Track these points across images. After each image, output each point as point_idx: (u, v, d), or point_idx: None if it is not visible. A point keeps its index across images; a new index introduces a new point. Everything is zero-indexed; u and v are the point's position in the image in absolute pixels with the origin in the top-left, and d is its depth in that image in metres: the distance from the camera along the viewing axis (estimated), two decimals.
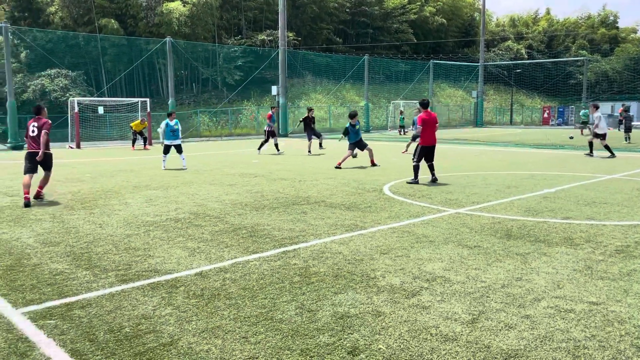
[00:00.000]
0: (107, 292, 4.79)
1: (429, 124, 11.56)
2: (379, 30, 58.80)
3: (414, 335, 3.85)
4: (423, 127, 11.56)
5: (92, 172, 14.69)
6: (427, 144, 11.67)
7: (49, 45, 38.81)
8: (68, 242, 6.66)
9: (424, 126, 11.55)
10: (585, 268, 5.44)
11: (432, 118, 11.65)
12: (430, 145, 11.70)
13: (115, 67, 41.46)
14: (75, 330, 3.98)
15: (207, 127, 40.78)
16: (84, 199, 10.03)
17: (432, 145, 11.76)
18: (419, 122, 11.66)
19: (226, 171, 14.54)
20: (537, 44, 69.28)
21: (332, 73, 48.62)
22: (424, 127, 11.56)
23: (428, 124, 11.55)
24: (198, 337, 3.85)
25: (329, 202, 9.35)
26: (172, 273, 5.34)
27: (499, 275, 5.20)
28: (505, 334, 3.86)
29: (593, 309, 4.33)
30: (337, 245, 6.40)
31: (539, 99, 64.78)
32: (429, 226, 7.39)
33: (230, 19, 50.14)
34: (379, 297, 4.63)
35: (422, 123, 11.55)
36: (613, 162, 16.50)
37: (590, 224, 7.52)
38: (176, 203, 9.42)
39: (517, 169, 14.70)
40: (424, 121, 11.53)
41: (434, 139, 11.77)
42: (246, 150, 23.54)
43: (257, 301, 4.55)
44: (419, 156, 11.70)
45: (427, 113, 11.64)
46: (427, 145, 11.67)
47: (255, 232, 7.08)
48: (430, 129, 11.62)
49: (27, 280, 5.15)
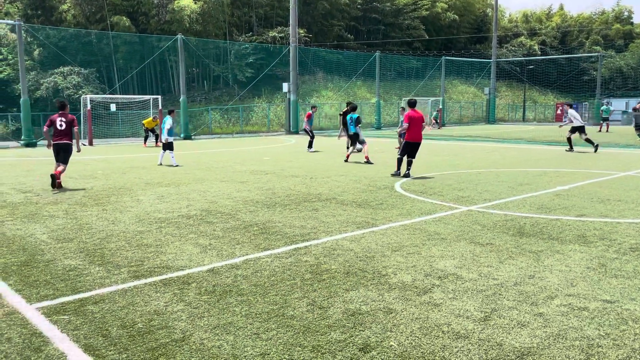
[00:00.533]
0: (120, 288, 4.83)
1: (414, 122, 12.25)
2: (391, 26, 58.53)
3: (426, 332, 3.84)
4: (410, 124, 12.26)
5: (105, 169, 14.80)
6: (412, 140, 12.40)
7: (62, 42, 39.11)
8: (81, 238, 6.71)
9: (410, 124, 12.26)
10: (599, 266, 5.38)
11: (418, 116, 12.33)
12: (415, 141, 12.42)
13: (127, 64, 41.70)
14: (89, 325, 4.02)
15: (218, 124, 40.90)
16: (96, 195, 10.11)
17: (417, 142, 12.48)
18: (405, 119, 12.42)
19: (237, 168, 14.58)
20: (551, 39, 68.59)
21: (343, 70, 48.50)
22: (410, 125, 12.26)
23: (414, 121, 12.24)
24: (210, 333, 3.86)
25: (340, 199, 9.34)
26: (184, 269, 5.36)
27: (512, 273, 5.16)
28: (517, 331, 3.84)
29: (607, 307, 4.28)
30: (349, 242, 6.39)
31: (552, 96, 64.15)
32: (440, 223, 7.36)
33: (242, 16, 50.19)
34: (390, 294, 4.62)
35: (408, 120, 12.28)
36: (628, 158, 16.30)
37: (604, 221, 7.44)
38: (188, 200, 9.47)
39: (529, 166, 14.59)
40: (410, 119, 12.26)
41: (419, 136, 12.43)
42: (257, 147, 23.57)
43: (268, 298, 4.55)
44: (402, 151, 12.61)
45: (414, 111, 12.38)
46: (412, 141, 12.40)
47: (267, 229, 7.09)
48: (416, 127, 12.29)
49: (41, 276, 5.20)
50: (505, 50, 63.38)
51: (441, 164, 15.03)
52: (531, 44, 65.08)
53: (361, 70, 44.82)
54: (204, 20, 43.99)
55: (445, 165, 14.70)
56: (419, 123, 12.29)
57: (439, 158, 17.06)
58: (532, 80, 61.01)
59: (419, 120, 12.31)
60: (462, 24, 64.22)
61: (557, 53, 63.16)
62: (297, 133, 35.06)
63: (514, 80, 62.16)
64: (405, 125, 12.37)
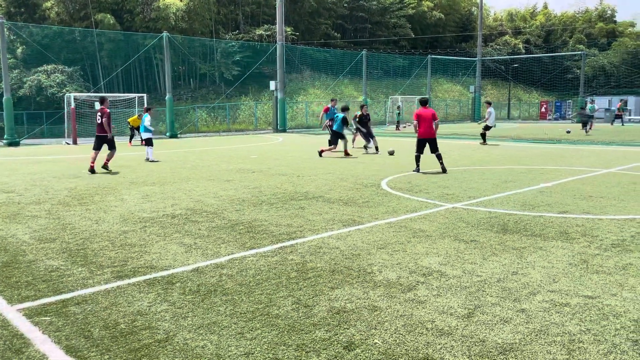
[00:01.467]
0: (103, 289, 4.79)
1: (423, 119, 12.73)
2: (377, 25, 58.70)
3: (410, 329, 3.86)
4: (419, 121, 12.78)
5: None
6: (423, 137, 12.83)
7: (45, 40, 38.67)
8: (64, 238, 6.65)
9: (419, 120, 12.77)
10: (580, 262, 5.44)
11: (427, 113, 12.79)
12: (425, 137, 12.80)
13: (112, 62, 41.34)
14: (71, 326, 3.98)
15: (205, 122, 40.72)
16: (80, 195, 10.01)
17: (428, 138, 12.81)
18: (414, 117, 12.99)
19: (224, 167, 14.53)
20: (535, 38, 69.27)
21: (330, 68, 48.55)
22: (420, 122, 12.77)
23: (422, 118, 12.73)
24: (194, 333, 3.84)
25: (327, 198, 9.34)
26: (169, 269, 5.33)
27: (495, 270, 5.20)
28: (500, 328, 3.87)
29: (588, 303, 4.33)
30: (335, 240, 6.40)
31: (537, 94, 64.80)
32: (425, 221, 7.40)
33: (228, 14, 49.98)
34: (375, 291, 4.64)
35: (416, 118, 12.85)
36: (610, 155, 16.51)
37: (586, 218, 7.53)
38: (173, 199, 9.41)
39: (514, 163, 14.71)
40: (419, 116, 12.80)
41: (429, 133, 12.78)
42: (243, 145, 23.50)
43: (253, 297, 4.54)
44: (417, 148, 13.02)
45: (424, 109, 12.89)
46: (423, 137, 12.83)
47: (253, 228, 7.07)
48: (425, 123, 12.74)
49: (23, 277, 5.14)
50: (491, 48, 63.89)
51: (427, 162, 15.11)
52: (516, 42, 65.69)
53: (348, 69, 44.89)
54: (189, 17, 43.74)
55: (431, 163, 14.77)
56: (429, 119, 12.69)
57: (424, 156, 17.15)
58: (517, 79, 61.57)
59: (429, 117, 12.72)
60: (448, 23, 64.61)
61: (541, 51, 63.79)
62: (284, 131, 35.01)
63: (499, 78, 62.68)
64: (415, 122, 12.90)
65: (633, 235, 6.52)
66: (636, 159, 15.68)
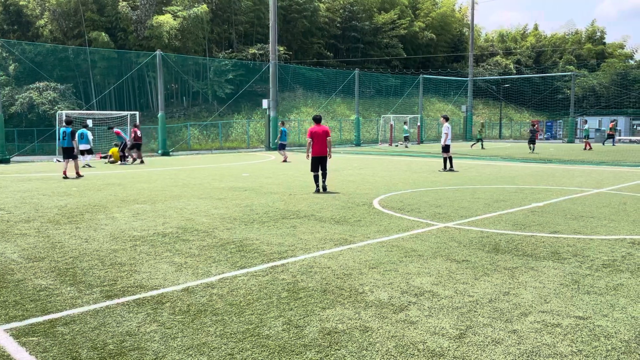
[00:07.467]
0: (92, 309, 4.73)
1: (316, 137, 12.42)
2: (370, 44, 59.24)
3: (401, 350, 3.83)
4: (312, 139, 12.44)
5: (79, 185, 14.57)
6: (316, 155, 12.52)
7: (38, 58, 38.69)
8: (53, 257, 6.58)
9: (313, 138, 12.43)
10: (572, 282, 5.45)
11: (321, 131, 12.44)
12: (318, 155, 12.52)
13: (105, 80, 41.36)
14: (59, 347, 3.92)
15: (197, 140, 40.70)
16: (70, 213, 9.94)
17: (320, 157, 12.54)
18: (308, 135, 12.58)
19: (215, 185, 14.49)
20: (525, 59, 70.14)
21: (322, 87, 48.83)
22: (314, 139, 12.44)
23: (316, 136, 12.42)
24: (183, 354, 3.80)
25: (319, 216, 9.33)
26: (158, 289, 5.28)
27: (487, 290, 5.20)
28: (492, 349, 3.85)
29: (580, 324, 4.33)
30: (326, 259, 6.38)
31: (528, 113, 65.41)
32: (417, 240, 7.40)
33: (221, 33, 50.29)
34: (366, 312, 4.61)
35: (310, 136, 12.49)
36: (600, 175, 16.64)
37: (577, 238, 7.56)
38: (164, 217, 9.36)
39: (505, 182, 14.79)
40: (313, 134, 12.45)
41: (323, 151, 12.52)
42: (236, 163, 23.48)
43: (244, 317, 4.50)
44: (312, 166, 12.67)
45: (317, 127, 12.51)
46: (316, 156, 12.53)
47: (244, 247, 7.04)
48: (319, 141, 12.43)
49: (10, 296, 5.07)
50: (482, 68, 64.58)
51: (419, 181, 15.15)
52: (507, 62, 66.45)
53: (340, 88, 45.17)
54: (183, 36, 43.97)
55: (423, 182, 14.82)
56: (322, 137, 12.37)
57: (416, 175, 17.19)
58: (508, 99, 62.19)
59: (322, 134, 12.38)
60: (440, 43, 65.31)
61: (532, 72, 64.58)
62: (276, 149, 35.02)
63: (490, 98, 63.26)
64: (309, 140, 12.47)
65: (624, 255, 6.55)
66: (626, 179, 15.81)
